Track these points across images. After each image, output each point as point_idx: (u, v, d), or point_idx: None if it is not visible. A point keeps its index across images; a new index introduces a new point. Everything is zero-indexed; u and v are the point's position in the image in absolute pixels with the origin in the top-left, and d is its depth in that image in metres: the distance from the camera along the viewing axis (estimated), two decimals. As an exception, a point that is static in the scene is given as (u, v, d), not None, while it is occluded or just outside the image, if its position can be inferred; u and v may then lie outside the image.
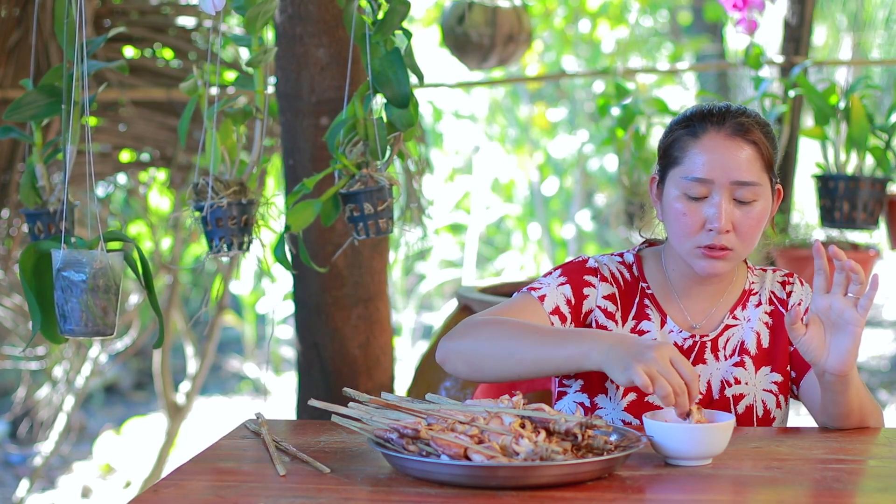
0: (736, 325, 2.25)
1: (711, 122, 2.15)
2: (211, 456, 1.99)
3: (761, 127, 2.17)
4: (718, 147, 2.13)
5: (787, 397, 2.26)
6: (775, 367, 2.24)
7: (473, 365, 2.08)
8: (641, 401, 2.17)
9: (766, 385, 2.23)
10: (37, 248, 2.33)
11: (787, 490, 1.77)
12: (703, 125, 2.15)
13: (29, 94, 2.47)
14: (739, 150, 2.13)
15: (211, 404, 6.91)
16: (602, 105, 4.11)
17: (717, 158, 2.12)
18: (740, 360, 2.22)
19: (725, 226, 2.11)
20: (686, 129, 2.17)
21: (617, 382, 1.92)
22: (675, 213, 2.15)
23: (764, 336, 2.25)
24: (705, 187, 2.13)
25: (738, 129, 2.14)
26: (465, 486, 1.74)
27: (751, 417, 2.21)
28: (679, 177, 2.15)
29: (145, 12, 4.05)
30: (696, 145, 2.15)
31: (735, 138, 2.13)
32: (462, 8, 4.08)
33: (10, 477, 5.54)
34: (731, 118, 2.15)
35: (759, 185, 2.14)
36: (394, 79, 2.43)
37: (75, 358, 4.71)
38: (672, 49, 7.76)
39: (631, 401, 2.18)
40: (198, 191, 2.45)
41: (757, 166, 2.13)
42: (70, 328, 2.23)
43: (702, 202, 2.13)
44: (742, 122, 2.15)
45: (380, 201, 2.46)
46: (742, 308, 2.26)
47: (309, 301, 3.21)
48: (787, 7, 4.11)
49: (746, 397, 2.21)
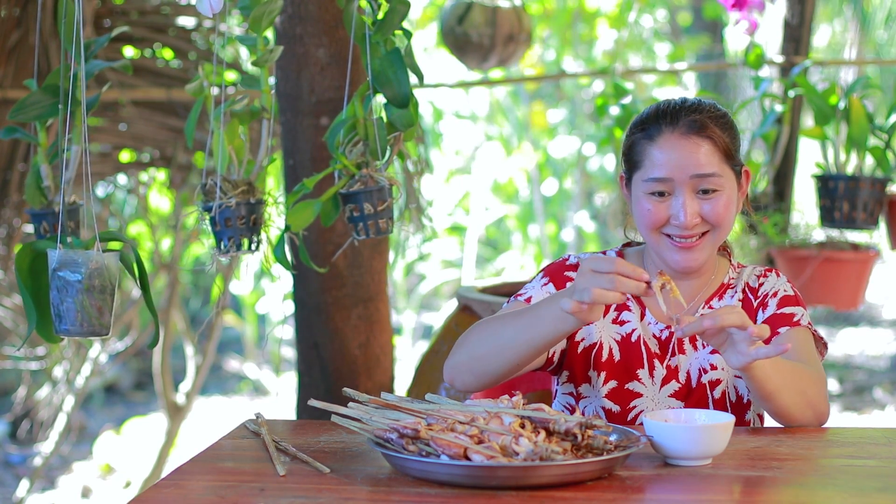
0: None
1: (665, 123, 2.19)
2: (211, 456, 1.99)
3: (716, 120, 2.20)
4: (674, 146, 2.17)
5: None
6: None
7: (477, 371, 2.13)
8: (622, 388, 2.25)
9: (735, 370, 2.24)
10: (33, 248, 2.33)
11: (787, 490, 1.77)
12: (658, 126, 2.20)
13: (33, 94, 2.47)
14: (695, 146, 2.17)
15: (211, 404, 6.91)
16: (601, 105, 4.11)
17: (674, 158, 2.17)
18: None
19: (690, 221, 2.16)
20: (642, 132, 2.22)
21: (575, 319, 1.97)
22: (642, 212, 2.21)
23: None
24: (667, 185, 2.18)
25: (691, 126, 2.18)
26: (465, 486, 1.74)
27: (724, 402, 2.25)
28: (641, 180, 2.21)
29: (145, 12, 4.05)
30: (652, 147, 2.20)
31: (689, 136, 2.17)
32: (462, 8, 4.08)
33: (10, 477, 5.54)
34: (685, 116, 2.19)
35: (720, 175, 2.17)
36: (394, 79, 2.44)
37: (75, 358, 4.71)
38: (671, 49, 7.75)
39: (611, 388, 2.25)
40: (206, 191, 2.45)
41: (715, 158, 2.18)
42: (65, 328, 2.23)
43: (667, 199, 2.19)
44: (695, 119, 2.18)
45: (380, 201, 2.47)
46: (718, 299, 2.30)
47: (309, 301, 3.21)
48: (786, 7, 4.11)
49: (722, 383, 2.25)
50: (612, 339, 2.28)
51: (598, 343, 2.28)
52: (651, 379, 2.25)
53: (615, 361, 2.26)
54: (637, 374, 2.26)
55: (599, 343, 2.28)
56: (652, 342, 2.27)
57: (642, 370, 2.26)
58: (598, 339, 2.28)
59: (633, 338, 2.27)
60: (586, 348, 2.28)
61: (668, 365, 2.26)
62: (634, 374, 2.26)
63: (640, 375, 2.26)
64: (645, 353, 2.26)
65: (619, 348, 2.27)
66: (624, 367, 2.26)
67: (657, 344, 2.28)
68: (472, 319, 3.37)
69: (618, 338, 2.28)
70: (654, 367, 2.26)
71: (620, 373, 2.26)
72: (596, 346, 2.28)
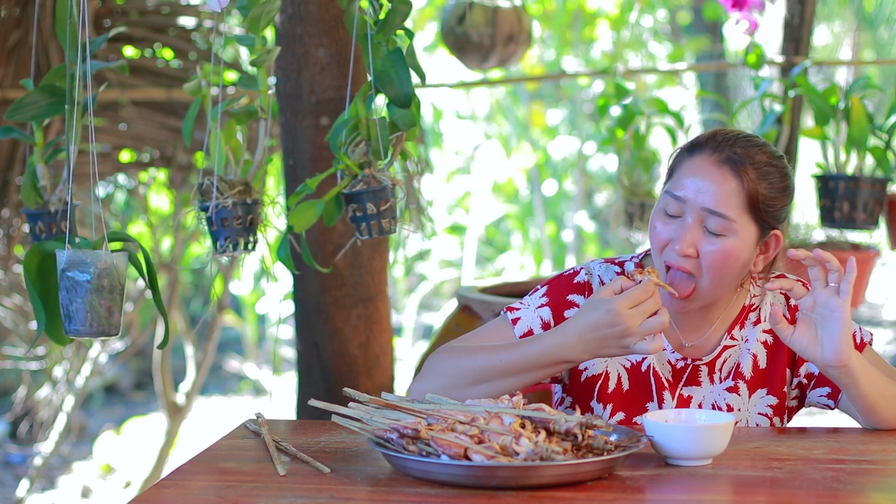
0: (734, 346, 2.20)
1: (711, 146, 2.09)
2: (211, 456, 1.99)
3: (765, 165, 2.08)
4: (703, 170, 2.07)
5: (782, 419, 2.21)
6: (771, 389, 2.19)
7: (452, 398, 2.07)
8: (629, 421, 2.17)
9: (761, 408, 2.19)
10: (41, 249, 2.32)
11: (787, 490, 1.77)
12: (703, 147, 2.10)
13: (30, 94, 2.47)
14: (723, 179, 2.06)
15: (211, 404, 6.91)
16: (602, 105, 4.10)
17: (696, 181, 2.07)
18: (734, 385, 2.18)
19: (685, 249, 2.06)
20: (690, 147, 2.13)
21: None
22: (651, 227, 2.12)
23: (761, 357, 2.20)
24: (679, 206, 2.08)
25: (730, 158, 2.07)
26: (465, 486, 1.74)
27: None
28: (663, 190, 2.12)
29: (145, 12, 4.05)
30: (687, 164, 2.10)
31: (723, 167, 2.06)
32: (462, 8, 4.08)
33: (10, 477, 5.54)
34: (731, 146, 2.08)
35: (732, 220, 2.05)
36: (396, 79, 2.43)
37: (75, 358, 4.71)
38: (671, 49, 7.75)
39: (618, 420, 2.16)
40: (203, 191, 2.45)
41: (735, 201, 2.05)
42: (75, 328, 2.23)
43: (675, 221, 2.09)
44: (739, 153, 2.07)
45: (382, 201, 2.47)
46: (740, 327, 2.20)
47: (309, 301, 3.21)
48: (787, 7, 4.11)
49: (739, 423, 2.17)
50: (622, 366, 2.18)
51: (604, 373, 2.18)
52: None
53: (623, 391, 2.17)
54: (646, 408, 2.17)
55: (605, 373, 2.18)
56: (664, 368, 2.18)
57: (651, 403, 2.17)
58: (604, 370, 2.18)
59: (643, 367, 2.18)
60: (589, 378, 2.19)
61: (679, 394, 2.17)
62: (643, 408, 2.17)
63: (648, 409, 2.17)
64: (654, 384, 2.17)
65: (627, 377, 2.18)
66: (632, 397, 2.17)
67: (670, 371, 2.18)
68: (472, 319, 3.37)
69: (627, 365, 2.18)
70: (664, 400, 2.16)
71: (628, 404, 2.17)
72: (601, 376, 2.18)
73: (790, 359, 2.21)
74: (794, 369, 2.21)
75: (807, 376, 2.20)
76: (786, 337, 2.03)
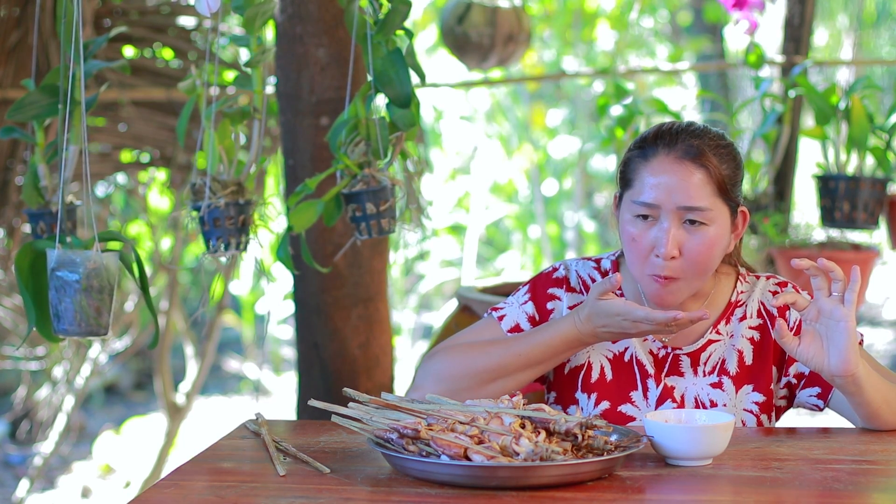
0: (719, 341, 2.20)
1: (663, 144, 2.10)
2: (211, 456, 1.99)
3: (716, 149, 2.10)
4: (666, 170, 2.08)
5: (770, 416, 2.21)
6: (758, 386, 2.19)
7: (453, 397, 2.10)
8: (614, 410, 2.18)
9: (747, 405, 2.19)
10: (33, 248, 2.33)
11: (787, 490, 1.77)
12: (655, 147, 2.10)
13: (31, 94, 2.47)
14: (689, 174, 2.07)
15: (211, 404, 6.91)
16: (602, 105, 4.10)
17: (664, 182, 2.07)
18: (718, 382, 2.18)
19: (670, 252, 2.07)
20: (639, 150, 2.13)
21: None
22: (627, 237, 2.12)
23: (747, 353, 2.20)
24: (653, 211, 2.09)
25: (688, 151, 2.08)
26: (465, 487, 1.74)
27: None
28: (630, 200, 2.12)
29: (145, 12, 4.05)
30: (645, 168, 2.10)
31: (684, 161, 2.08)
32: (462, 8, 4.08)
33: (10, 477, 5.54)
34: (683, 140, 2.09)
35: (710, 210, 2.07)
36: (396, 78, 2.43)
37: (75, 358, 4.71)
38: (671, 49, 7.75)
39: (603, 410, 2.18)
40: (195, 191, 2.45)
41: (707, 190, 2.07)
42: (63, 328, 2.23)
43: (652, 225, 2.09)
44: (693, 144, 2.09)
45: (382, 201, 2.47)
46: (726, 322, 2.21)
47: (309, 301, 3.21)
48: (787, 7, 4.11)
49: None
50: (604, 356, 2.20)
51: (587, 363, 2.20)
52: (645, 401, 2.17)
53: (607, 381, 2.19)
54: (630, 397, 2.18)
55: (588, 363, 2.20)
56: (647, 359, 2.19)
57: (635, 392, 2.18)
58: (587, 360, 2.21)
59: (626, 357, 2.20)
60: (573, 370, 2.21)
61: (664, 384, 2.18)
62: (627, 397, 2.18)
63: (633, 398, 2.18)
64: (638, 373, 2.18)
65: (611, 367, 2.20)
66: (616, 387, 2.18)
67: (652, 361, 2.20)
68: (472, 319, 3.36)
69: (610, 356, 2.20)
70: (648, 388, 2.18)
71: (612, 394, 2.18)
72: (584, 367, 2.20)
73: (778, 357, 2.20)
74: (782, 368, 2.21)
75: (796, 376, 2.20)
76: (792, 350, 2.01)
